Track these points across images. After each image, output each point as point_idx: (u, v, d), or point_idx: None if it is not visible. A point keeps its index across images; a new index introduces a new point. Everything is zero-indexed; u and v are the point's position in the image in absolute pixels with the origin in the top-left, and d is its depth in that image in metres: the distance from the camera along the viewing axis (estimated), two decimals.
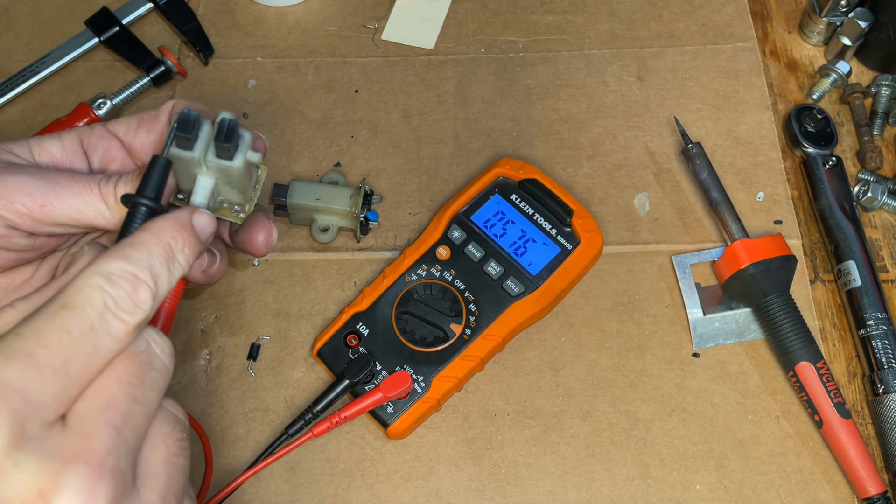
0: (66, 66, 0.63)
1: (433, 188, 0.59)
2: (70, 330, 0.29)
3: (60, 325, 0.29)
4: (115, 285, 0.30)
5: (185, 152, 0.37)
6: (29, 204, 0.37)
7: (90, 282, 0.30)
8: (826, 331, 0.55)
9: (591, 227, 0.54)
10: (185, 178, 0.38)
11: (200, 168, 0.37)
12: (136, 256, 0.31)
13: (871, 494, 0.48)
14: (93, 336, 0.29)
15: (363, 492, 0.50)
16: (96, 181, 0.38)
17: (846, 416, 0.50)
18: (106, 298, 0.30)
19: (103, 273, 0.30)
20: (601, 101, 0.62)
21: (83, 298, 0.29)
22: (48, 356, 0.28)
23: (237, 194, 0.39)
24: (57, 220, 0.38)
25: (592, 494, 0.50)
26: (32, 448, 0.27)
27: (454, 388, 0.51)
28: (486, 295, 0.52)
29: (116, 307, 0.30)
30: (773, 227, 0.57)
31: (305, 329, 0.54)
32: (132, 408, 0.30)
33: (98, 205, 0.38)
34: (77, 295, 0.29)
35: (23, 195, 0.37)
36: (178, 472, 0.32)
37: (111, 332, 0.30)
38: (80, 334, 0.29)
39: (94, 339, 0.29)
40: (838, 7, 0.62)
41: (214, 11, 0.66)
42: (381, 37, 0.65)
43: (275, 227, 0.45)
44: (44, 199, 0.37)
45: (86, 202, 0.38)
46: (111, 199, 0.38)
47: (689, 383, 0.53)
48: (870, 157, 0.59)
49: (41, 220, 0.38)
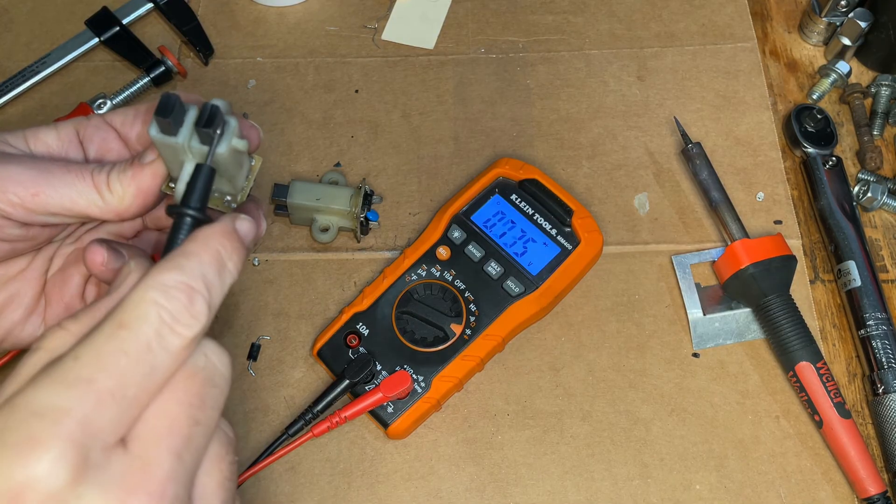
0: (66, 66, 0.63)
1: (433, 188, 0.59)
2: (127, 351, 0.28)
3: (118, 346, 0.28)
4: (170, 298, 0.29)
5: (169, 138, 0.36)
6: (21, 193, 0.37)
7: (145, 297, 0.29)
8: (826, 331, 0.55)
9: (591, 227, 0.54)
10: (174, 165, 0.38)
11: (186, 155, 0.37)
12: (189, 266, 0.30)
13: (871, 494, 0.48)
14: (150, 355, 0.28)
15: (363, 492, 0.50)
16: (89, 170, 0.38)
17: (846, 416, 0.50)
18: (162, 313, 0.29)
19: (158, 287, 0.29)
20: (601, 101, 0.62)
21: (139, 315, 0.28)
22: (107, 381, 0.27)
23: (227, 183, 0.39)
24: (49, 210, 0.37)
25: (592, 494, 0.50)
26: (95, 479, 0.26)
27: (454, 388, 0.51)
28: (487, 295, 0.52)
29: (173, 321, 0.29)
30: (772, 227, 0.58)
31: (305, 329, 0.54)
32: (193, 431, 0.29)
33: (91, 194, 0.38)
34: (132, 312, 0.28)
35: (14, 185, 0.37)
36: (230, 498, 0.31)
37: (168, 349, 0.29)
38: (137, 355, 0.28)
39: (152, 357, 0.28)
40: (838, 7, 0.62)
41: (214, 11, 0.66)
42: (381, 37, 0.65)
43: (264, 221, 0.43)
44: (36, 188, 0.37)
45: (78, 191, 0.37)
46: (104, 188, 0.38)
47: (689, 383, 0.53)
48: (870, 157, 0.59)
49: (34, 210, 0.37)
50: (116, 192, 0.38)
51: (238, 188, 0.40)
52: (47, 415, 0.26)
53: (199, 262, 0.31)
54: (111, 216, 0.38)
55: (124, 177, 0.38)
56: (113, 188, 0.38)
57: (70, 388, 0.27)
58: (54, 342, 0.30)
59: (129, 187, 0.38)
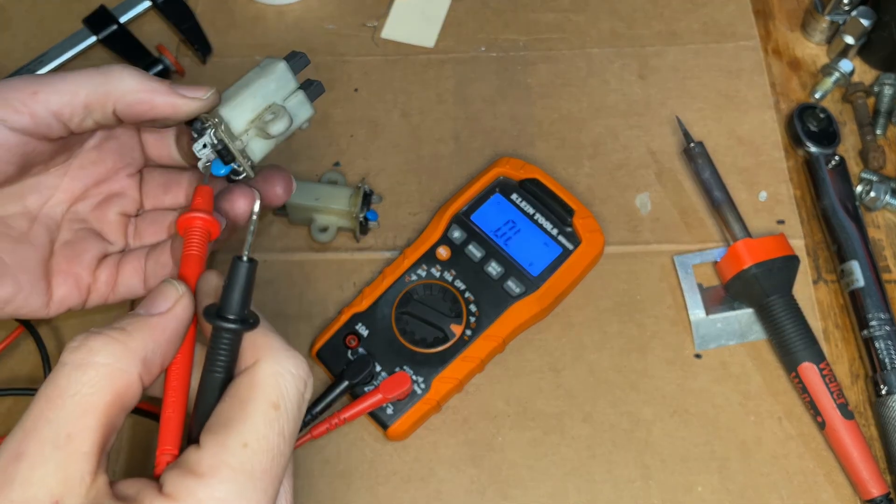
0: (63, 64, 0.62)
1: (433, 188, 0.58)
2: (284, 433, 0.30)
3: (278, 431, 0.30)
4: (300, 365, 0.32)
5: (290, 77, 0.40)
6: (20, 95, 0.37)
7: (283, 370, 0.31)
8: (829, 331, 0.54)
9: (593, 227, 0.54)
10: (242, 110, 0.40)
11: (277, 102, 0.41)
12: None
13: (873, 496, 0.48)
14: (295, 428, 0.31)
15: (363, 493, 0.49)
16: (97, 67, 0.39)
17: (849, 417, 0.49)
18: (299, 385, 0.31)
19: (290, 358, 0.32)
20: (602, 100, 0.62)
21: (286, 391, 0.31)
22: (278, 469, 0.29)
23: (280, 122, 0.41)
24: (51, 107, 0.38)
25: (593, 496, 0.49)
26: None
27: (454, 389, 0.50)
28: (487, 295, 0.52)
29: (305, 389, 0.31)
30: (775, 226, 0.57)
31: (304, 330, 0.54)
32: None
33: (95, 78, 0.38)
34: (278, 390, 0.30)
35: (11, 90, 0.37)
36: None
37: (302, 413, 0.31)
38: (291, 436, 0.30)
39: (295, 429, 0.31)
40: (841, 6, 0.62)
41: (213, 10, 0.65)
42: (381, 35, 0.65)
43: (293, 179, 0.46)
44: (35, 87, 0.37)
45: (78, 81, 0.38)
46: (115, 74, 0.38)
47: (691, 384, 0.52)
48: (873, 156, 0.59)
49: (38, 114, 0.37)
50: (128, 84, 0.38)
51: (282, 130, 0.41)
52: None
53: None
54: (111, 104, 0.38)
55: (147, 82, 0.38)
56: (126, 79, 0.38)
57: (256, 481, 0.28)
58: (109, 358, 0.29)
59: (145, 92, 0.38)
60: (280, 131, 0.40)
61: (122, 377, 0.29)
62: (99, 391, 0.28)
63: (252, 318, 0.31)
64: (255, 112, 0.40)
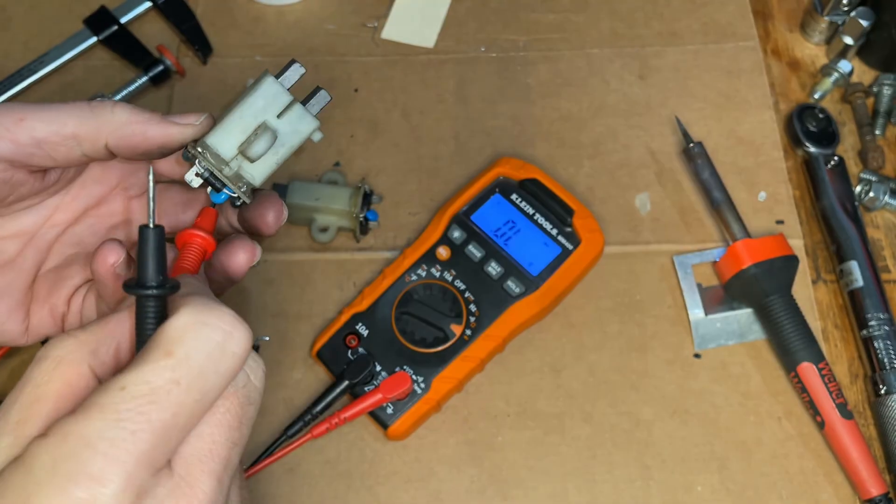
0: (64, 65, 0.62)
1: (433, 188, 0.58)
2: (179, 381, 0.28)
3: (169, 377, 0.28)
4: (222, 315, 0.30)
5: (281, 88, 0.39)
6: (5, 121, 0.36)
7: (194, 320, 0.29)
8: (828, 331, 0.55)
9: (592, 226, 0.54)
10: (244, 122, 0.38)
11: (273, 113, 0.39)
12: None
13: (873, 496, 0.48)
14: (201, 381, 0.28)
15: (363, 493, 0.49)
16: (87, 100, 0.38)
17: (848, 417, 0.49)
18: (214, 335, 0.29)
19: (207, 308, 0.30)
20: (602, 100, 0.62)
21: (189, 340, 0.29)
22: (160, 413, 0.27)
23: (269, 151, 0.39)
24: (36, 135, 0.37)
25: (594, 496, 0.49)
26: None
27: (454, 388, 0.50)
28: (487, 295, 0.52)
29: (226, 340, 0.29)
30: (774, 226, 0.57)
31: (305, 330, 0.54)
32: (231, 452, 0.30)
33: (83, 112, 0.37)
34: (182, 337, 0.29)
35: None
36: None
37: (221, 372, 0.29)
38: (188, 383, 0.28)
39: (203, 383, 0.29)
40: (840, 6, 0.62)
41: (213, 10, 0.65)
42: (381, 35, 0.65)
43: (285, 207, 0.43)
44: (22, 113, 0.36)
45: (68, 112, 0.37)
46: (104, 108, 0.37)
47: (691, 384, 0.52)
48: (872, 156, 0.59)
49: (21, 141, 0.36)
50: (119, 118, 0.37)
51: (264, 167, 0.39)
52: (104, 450, 0.26)
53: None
54: (103, 138, 0.38)
55: (137, 114, 0.38)
56: (117, 113, 0.37)
57: (123, 422, 0.27)
58: (61, 350, 0.30)
59: (136, 124, 0.37)
60: (259, 153, 0.38)
61: (72, 367, 0.29)
62: (49, 381, 0.29)
63: (170, 283, 0.31)
64: (245, 134, 0.38)
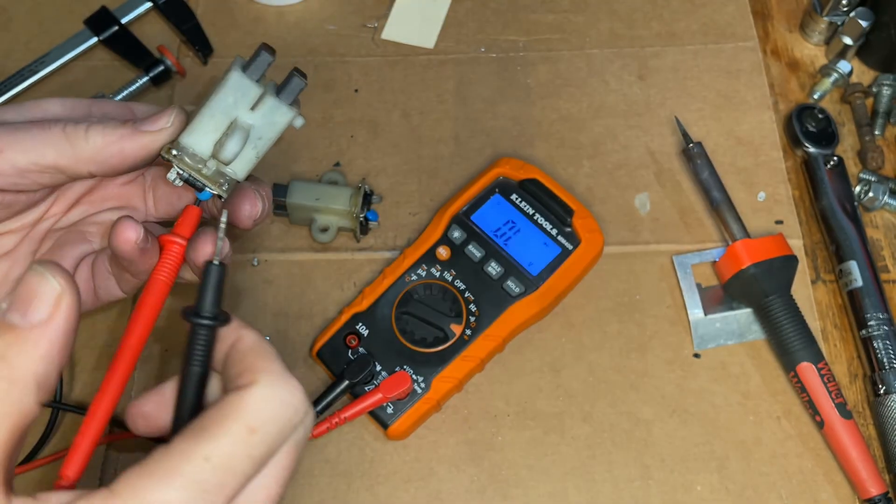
0: (64, 65, 0.62)
1: (433, 188, 0.59)
2: (254, 455, 0.29)
3: (247, 452, 0.29)
4: (293, 390, 0.32)
5: (250, 81, 0.39)
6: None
7: (271, 395, 0.31)
8: (827, 331, 0.55)
9: (592, 227, 0.54)
10: (216, 120, 0.38)
11: (246, 109, 0.39)
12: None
13: (872, 495, 0.48)
14: (270, 452, 0.30)
15: (363, 493, 0.49)
16: (62, 123, 0.37)
17: (847, 416, 0.49)
18: (289, 414, 0.31)
19: (283, 382, 0.32)
20: (602, 100, 0.62)
21: (267, 419, 0.30)
22: (234, 483, 0.29)
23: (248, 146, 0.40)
24: (18, 166, 0.37)
25: (593, 496, 0.49)
26: None
27: (454, 388, 0.50)
28: (487, 295, 0.52)
29: (298, 420, 0.31)
30: (774, 227, 0.57)
31: (305, 329, 0.54)
32: (280, 493, 0.31)
33: (60, 143, 0.37)
34: (259, 415, 0.30)
35: None
36: None
37: (297, 444, 0.31)
38: (262, 458, 0.29)
39: (269, 453, 0.30)
40: (839, 6, 0.62)
41: (214, 10, 0.65)
42: (381, 36, 0.65)
43: (261, 201, 0.43)
44: (1, 144, 0.36)
45: (46, 142, 0.37)
46: (79, 137, 0.37)
47: (691, 384, 0.53)
48: (871, 156, 0.59)
49: (5, 172, 0.37)
50: (94, 143, 0.37)
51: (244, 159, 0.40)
52: None
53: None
54: (83, 167, 0.38)
55: (110, 132, 0.37)
56: (91, 139, 0.37)
57: (207, 493, 0.28)
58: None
59: (111, 144, 0.37)
60: (232, 153, 0.38)
61: (16, 408, 0.28)
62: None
63: (223, 317, 0.34)
64: (219, 131, 0.38)
